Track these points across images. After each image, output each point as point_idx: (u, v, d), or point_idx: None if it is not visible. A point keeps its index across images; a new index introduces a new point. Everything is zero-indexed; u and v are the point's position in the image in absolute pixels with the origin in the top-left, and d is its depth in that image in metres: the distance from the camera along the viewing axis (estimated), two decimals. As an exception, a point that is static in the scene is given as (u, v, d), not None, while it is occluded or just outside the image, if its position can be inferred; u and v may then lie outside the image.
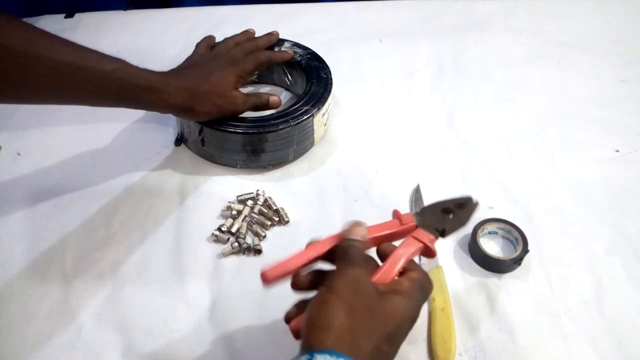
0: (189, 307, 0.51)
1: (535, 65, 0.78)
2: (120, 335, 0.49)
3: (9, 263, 0.55)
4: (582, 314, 0.50)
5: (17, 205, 0.60)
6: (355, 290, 0.37)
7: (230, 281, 0.53)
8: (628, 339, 0.48)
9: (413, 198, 0.60)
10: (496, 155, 0.65)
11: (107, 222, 0.58)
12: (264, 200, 0.60)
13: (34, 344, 0.48)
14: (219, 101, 0.59)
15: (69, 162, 0.65)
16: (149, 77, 0.55)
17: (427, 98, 0.74)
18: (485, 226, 0.55)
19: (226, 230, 0.56)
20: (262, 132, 0.60)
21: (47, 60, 0.48)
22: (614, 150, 0.65)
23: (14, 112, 0.72)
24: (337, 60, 0.74)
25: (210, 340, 0.49)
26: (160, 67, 0.59)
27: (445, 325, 0.48)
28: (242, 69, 0.62)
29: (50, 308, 0.51)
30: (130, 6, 0.93)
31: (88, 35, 0.86)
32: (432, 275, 0.52)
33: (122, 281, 0.53)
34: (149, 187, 0.62)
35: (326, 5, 0.93)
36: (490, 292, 0.51)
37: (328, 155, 0.66)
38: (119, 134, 0.69)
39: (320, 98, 0.64)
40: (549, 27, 0.86)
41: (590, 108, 0.71)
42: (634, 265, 0.53)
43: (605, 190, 0.61)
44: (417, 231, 0.44)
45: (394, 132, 0.68)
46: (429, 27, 0.87)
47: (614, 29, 0.85)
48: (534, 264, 0.53)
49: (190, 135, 0.64)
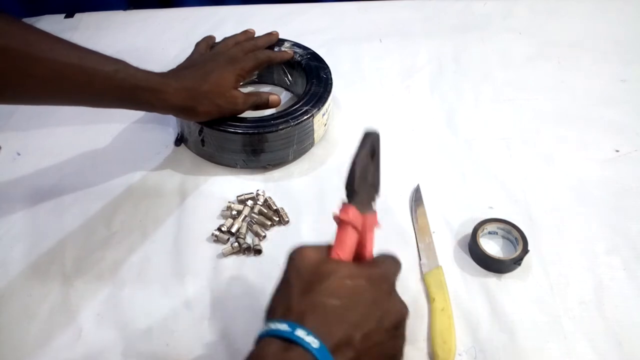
0: (189, 307, 0.51)
1: (535, 65, 0.78)
2: (120, 335, 0.49)
3: (9, 263, 0.55)
4: (582, 314, 0.50)
5: (17, 205, 0.60)
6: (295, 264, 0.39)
7: (230, 281, 0.53)
8: (628, 339, 0.48)
9: (413, 198, 0.60)
10: (496, 155, 0.65)
11: (107, 222, 0.58)
12: (264, 200, 0.60)
13: (34, 344, 0.49)
14: (219, 101, 0.59)
15: (69, 162, 0.65)
16: (149, 78, 0.55)
17: (427, 98, 0.74)
18: (485, 226, 0.55)
19: (226, 230, 0.57)
20: (262, 132, 0.60)
21: (47, 61, 0.48)
22: (614, 150, 0.65)
23: (14, 112, 0.72)
24: (337, 60, 0.74)
25: (210, 340, 0.49)
26: (160, 67, 0.59)
27: (445, 325, 0.48)
28: (241, 67, 0.62)
29: (50, 308, 0.51)
30: (130, 6, 0.93)
31: (88, 35, 0.86)
32: (432, 276, 0.52)
33: (122, 281, 0.53)
34: (149, 187, 0.62)
35: (326, 5, 0.93)
36: (490, 292, 0.51)
37: (328, 155, 0.66)
38: (119, 134, 0.69)
39: (320, 98, 0.64)
40: (549, 27, 0.86)
41: (590, 108, 0.71)
42: (634, 265, 0.53)
43: (605, 190, 0.61)
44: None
45: (394, 132, 0.68)
46: (429, 27, 0.87)
47: (614, 29, 0.85)
48: (534, 264, 0.53)
49: (190, 135, 0.64)
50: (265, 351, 0.34)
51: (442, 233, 0.57)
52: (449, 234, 0.57)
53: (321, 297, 0.36)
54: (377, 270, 0.40)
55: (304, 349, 0.33)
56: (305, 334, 0.34)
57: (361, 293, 0.37)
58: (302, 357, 0.33)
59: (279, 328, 0.34)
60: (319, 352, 0.33)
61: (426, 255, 0.54)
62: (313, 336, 0.34)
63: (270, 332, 0.35)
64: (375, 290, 0.38)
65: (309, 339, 0.33)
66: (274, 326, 0.35)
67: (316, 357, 0.33)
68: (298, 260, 0.39)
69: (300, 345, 0.33)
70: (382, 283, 0.39)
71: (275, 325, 0.35)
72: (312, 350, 0.33)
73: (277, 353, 0.34)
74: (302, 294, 0.37)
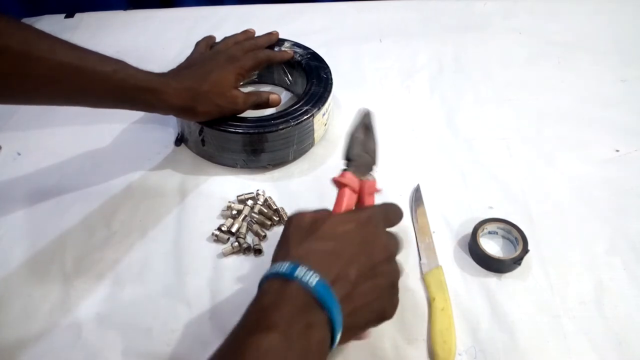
0: (189, 307, 0.51)
1: (535, 65, 0.78)
2: (120, 335, 0.49)
3: (9, 263, 0.55)
4: (582, 314, 0.50)
5: (17, 205, 0.60)
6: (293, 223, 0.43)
7: (230, 281, 0.53)
8: (628, 339, 0.48)
9: (413, 198, 0.60)
10: (496, 155, 0.65)
11: (107, 222, 0.58)
12: (264, 200, 0.60)
13: (34, 344, 0.48)
14: (219, 101, 0.59)
15: (69, 162, 0.65)
16: (148, 79, 0.55)
17: (427, 98, 0.74)
18: (485, 226, 0.55)
19: (226, 230, 0.57)
20: (262, 132, 0.60)
21: (46, 62, 0.48)
22: (614, 150, 0.65)
23: (15, 112, 0.72)
24: (337, 60, 0.74)
25: (210, 340, 0.49)
26: (160, 67, 0.59)
27: (445, 325, 0.48)
28: (241, 66, 0.62)
29: (50, 308, 0.51)
30: (130, 6, 0.93)
31: (88, 35, 0.86)
32: (432, 275, 0.52)
33: (122, 281, 0.53)
34: (149, 187, 0.62)
35: (326, 5, 0.93)
36: (490, 292, 0.51)
37: (328, 155, 0.66)
38: (119, 134, 0.69)
39: (321, 98, 0.64)
40: (549, 27, 0.86)
41: (590, 108, 0.71)
42: (634, 265, 0.53)
43: (605, 190, 0.61)
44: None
45: (394, 132, 0.68)
46: (429, 27, 0.87)
47: (614, 29, 0.85)
48: (534, 264, 0.53)
49: (190, 135, 0.64)
50: (267, 288, 0.38)
51: (442, 233, 0.57)
52: (449, 234, 0.57)
53: (316, 243, 0.40)
54: (363, 214, 0.44)
55: (304, 283, 0.36)
56: (305, 271, 0.37)
57: (350, 235, 0.41)
58: (299, 290, 0.36)
59: (279, 270, 0.38)
60: (319, 284, 0.37)
61: (426, 255, 0.54)
62: (312, 271, 0.37)
63: (272, 273, 0.38)
64: (363, 231, 0.42)
65: (309, 274, 0.37)
66: (274, 269, 0.38)
67: (317, 289, 0.36)
68: (296, 220, 0.43)
69: (301, 280, 0.36)
70: (368, 224, 0.43)
71: (275, 269, 0.38)
72: (312, 283, 0.36)
73: (279, 289, 0.37)
74: (299, 243, 0.41)
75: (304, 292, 0.36)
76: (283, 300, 0.36)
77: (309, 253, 0.39)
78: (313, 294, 0.36)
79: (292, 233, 0.42)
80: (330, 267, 0.38)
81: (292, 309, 0.36)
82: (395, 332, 0.48)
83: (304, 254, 0.39)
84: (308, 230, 0.42)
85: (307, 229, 0.42)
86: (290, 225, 0.43)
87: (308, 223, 0.43)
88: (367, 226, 0.43)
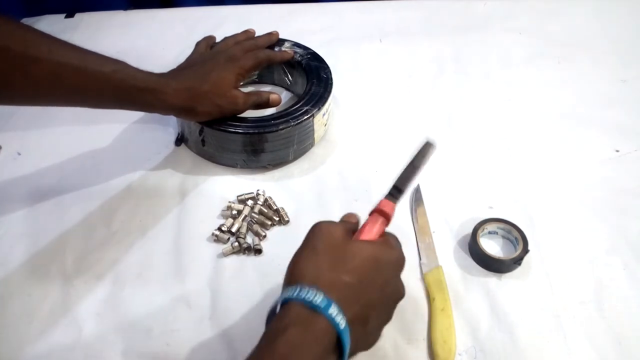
0: (189, 307, 0.51)
1: (535, 65, 0.78)
2: (120, 335, 0.49)
3: (9, 263, 0.55)
4: (582, 313, 0.50)
5: (17, 205, 0.60)
6: (323, 237, 0.43)
7: (230, 281, 0.53)
8: (628, 339, 0.48)
9: (413, 198, 0.60)
10: (496, 155, 0.65)
11: (107, 222, 0.58)
12: (264, 200, 0.60)
13: (34, 344, 0.48)
14: (219, 101, 0.59)
15: (69, 162, 0.65)
16: (148, 79, 0.55)
17: (427, 98, 0.74)
18: (485, 226, 0.55)
19: (226, 230, 0.57)
20: (262, 132, 0.60)
21: (46, 62, 0.48)
22: (614, 150, 0.65)
23: (15, 112, 0.72)
24: (337, 60, 0.74)
25: (210, 340, 0.49)
26: (160, 67, 0.59)
27: (445, 325, 0.48)
28: (241, 66, 0.62)
29: (50, 308, 0.51)
30: (130, 6, 0.93)
31: (88, 36, 0.86)
32: (432, 275, 0.52)
33: (122, 281, 0.53)
34: (149, 187, 0.62)
35: (326, 5, 0.93)
36: (490, 292, 0.51)
37: (328, 155, 0.66)
38: (119, 134, 0.69)
39: (321, 98, 0.64)
40: (549, 27, 0.86)
41: (590, 108, 0.71)
42: (634, 265, 0.53)
43: (605, 190, 0.61)
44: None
45: (394, 132, 0.68)
46: (429, 27, 0.87)
47: (614, 29, 0.85)
48: (534, 264, 0.53)
49: (190, 135, 0.64)
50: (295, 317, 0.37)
51: (442, 233, 0.57)
52: (449, 234, 0.57)
53: (344, 275, 0.40)
54: (391, 255, 0.44)
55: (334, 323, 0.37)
56: (337, 311, 0.37)
57: (374, 276, 0.41)
58: (328, 329, 0.37)
59: (313, 300, 0.37)
60: (346, 328, 0.37)
61: (426, 255, 0.54)
62: (341, 313, 0.37)
63: (301, 298, 0.37)
64: (385, 274, 0.42)
65: (340, 316, 0.37)
66: (306, 295, 0.37)
67: (344, 332, 0.37)
68: (327, 233, 0.43)
69: (333, 320, 0.37)
70: (390, 267, 0.43)
71: (307, 294, 0.37)
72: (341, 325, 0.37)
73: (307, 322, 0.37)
74: (330, 269, 0.40)
75: (331, 331, 0.37)
76: (315, 339, 0.36)
77: (337, 283, 0.39)
78: (338, 335, 0.37)
79: (323, 250, 0.42)
80: (351, 305, 0.39)
81: (318, 350, 0.36)
82: (395, 332, 0.48)
83: (330, 284, 0.39)
84: (339, 254, 0.41)
85: (338, 248, 0.42)
86: (322, 237, 0.43)
87: (339, 241, 0.42)
88: (389, 269, 0.43)
